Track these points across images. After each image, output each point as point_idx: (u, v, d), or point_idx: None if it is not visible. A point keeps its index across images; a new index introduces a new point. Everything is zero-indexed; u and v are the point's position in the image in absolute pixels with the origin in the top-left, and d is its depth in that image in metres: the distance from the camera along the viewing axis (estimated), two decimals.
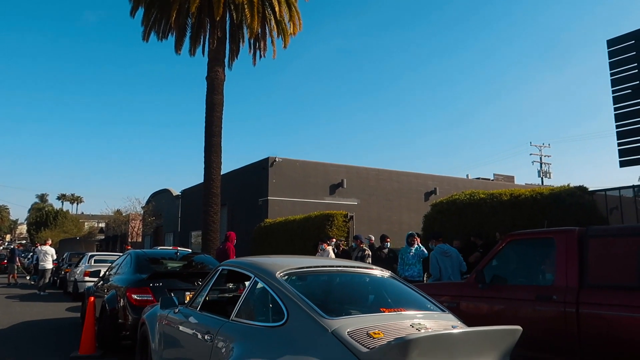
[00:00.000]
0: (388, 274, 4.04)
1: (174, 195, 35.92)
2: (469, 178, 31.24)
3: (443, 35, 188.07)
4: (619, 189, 9.55)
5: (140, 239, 38.81)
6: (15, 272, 20.61)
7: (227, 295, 5.03)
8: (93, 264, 14.63)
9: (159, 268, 7.62)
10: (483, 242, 9.62)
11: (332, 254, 11.03)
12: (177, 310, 4.53)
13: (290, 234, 17.72)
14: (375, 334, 2.82)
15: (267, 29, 18.45)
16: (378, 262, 9.87)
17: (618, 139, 9.04)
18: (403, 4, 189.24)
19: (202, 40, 18.37)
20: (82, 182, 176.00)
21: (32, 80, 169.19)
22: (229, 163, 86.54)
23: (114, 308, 6.89)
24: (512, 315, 4.62)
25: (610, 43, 9.35)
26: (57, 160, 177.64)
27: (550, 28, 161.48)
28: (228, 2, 17.24)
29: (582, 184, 9.82)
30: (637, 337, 3.80)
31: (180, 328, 4.27)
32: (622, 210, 10.00)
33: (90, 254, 16.81)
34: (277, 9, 17.79)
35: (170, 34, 18.29)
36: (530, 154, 43.96)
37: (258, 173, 23.93)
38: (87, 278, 13.31)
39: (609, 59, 9.25)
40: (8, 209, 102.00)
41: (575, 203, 9.18)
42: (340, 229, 15.71)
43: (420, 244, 9.71)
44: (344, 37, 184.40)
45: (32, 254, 25.08)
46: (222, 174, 17.79)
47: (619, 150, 9.05)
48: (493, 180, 32.96)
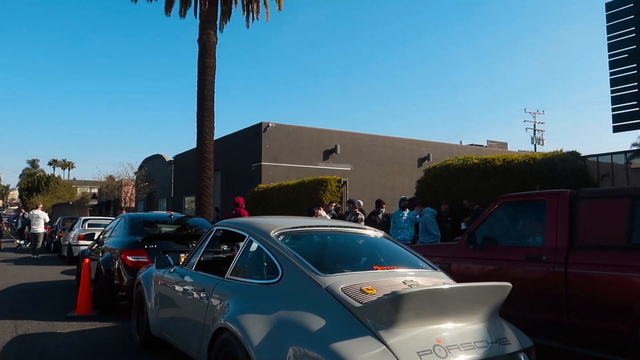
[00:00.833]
0: (381, 235, 4.09)
1: (167, 161, 35.78)
2: (463, 144, 31.28)
3: (440, 3, 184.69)
4: (611, 154, 9.62)
5: (134, 205, 38.81)
6: (1, 237, 20.42)
7: (221, 256, 5.07)
8: (87, 228, 14.66)
9: (154, 230, 7.65)
10: (477, 206, 9.72)
11: (328, 219, 11.12)
12: (172, 270, 4.58)
13: (284, 200, 17.79)
14: (368, 290, 2.88)
15: None
16: (372, 226, 9.96)
17: (613, 104, 9.03)
18: None
19: (193, 1, 17.94)
20: (73, 147, 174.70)
21: (19, 46, 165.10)
22: (222, 128, 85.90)
23: (109, 270, 6.95)
24: (502, 276, 4.70)
25: (609, 6, 9.22)
26: (47, 126, 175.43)
27: None
28: None
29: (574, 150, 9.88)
30: (622, 295, 3.90)
31: (176, 287, 4.32)
32: (613, 177, 10.11)
33: (84, 218, 16.83)
34: None
35: None
36: (525, 121, 43.95)
37: (251, 138, 23.82)
38: (81, 242, 13.36)
39: (607, 23, 9.15)
40: None
41: (568, 168, 9.24)
42: (334, 194, 15.78)
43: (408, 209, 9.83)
44: (340, 1, 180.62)
45: (16, 220, 24.71)
46: (215, 140, 17.68)
47: (613, 116, 9.06)
48: (486, 147, 33.06)
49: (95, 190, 61.36)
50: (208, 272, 4.06)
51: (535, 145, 42.43)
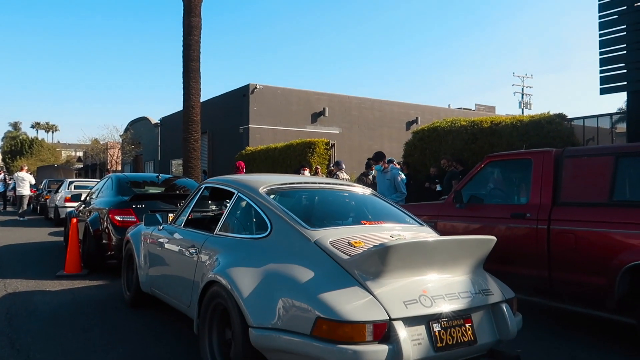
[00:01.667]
0: (369, 192, 4.13)
1: (153, 124, 35.30)
2: (451, 108, 31.24)
3: None
4: (597, 117, 9.69)
5: (120, 168, 38.49)
6: None
7: (210, 214, 5.09)
8: (73, 190, 14.55)
9: (141, 191, 7.63)
10: (463, 168, 9.79)
11: None
12: (161, 228, 4.60)
13: (272, 162, 17.77)
14: (356, 243, 2.92)
15: None
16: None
17: (601, 66, 9.01)
18: None
19: None
20: (56, 110, 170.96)
21: None
22: (210, 91, 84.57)
23: (98, 229, 6.95)
24: (487, 233, 4.76)
25: None
26: (29, 88, 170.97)
27: None
28: None
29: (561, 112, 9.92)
30: (601, 250, 4.01)
31: (165, 244, 4.35)
32: (598, 141, 10.21)
33: (70, 180, 16.67)
34: None
35: None
36: (513, 85, 43.91)
37: (239, 100, 23.53)
38: (67, 204, 13.29)
39: None
40: None
41: (554, 130, 9.30)
42: (322, 157, 15.78)
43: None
44: None
45: None
46: (202, 101, 17.42)
47: (601, 78, 9.05)
48: (474, 110, 33.03)
49: (81, 154, 60.67)
50: (197, 228, 4.09)
51: (523, 110, 42.56)
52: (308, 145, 16.07)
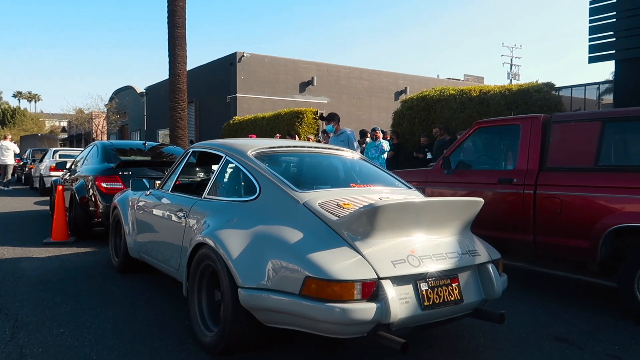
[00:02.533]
0: (358, 156, 4.12)
1: (138, 93, 34.70)
2: (440, 78, 31.12)
3: None
4: (585, 86, 9.71)
5: (106, 138, 37.98)
6: None
7: (197, 180, 5.06)
8: (58, 159, 14.36)
9: (127, 158, 7.54)
10: (450, 137, 9.81)
11: None
12: (148, 193, 4.57)
13: (260, 132, 17.63)
14: (345, 205, 2.93)
15: None
16: None
17: (590, 34, 8.99)
18: None
19: None
20: (38, 79, 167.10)
21: None
22: (196, 59, 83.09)
23: (84, 197, 6.88)
24: None
25: None
26: (9, 56, 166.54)
27: None
28: None
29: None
30: (585, 214, 4.07)
31: (153, 209, 4.33)
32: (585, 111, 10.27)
33: (54, 149, 16.44)
34: None
35: None
36: (502, 55, 43.74)
37: (226, 69, 23.17)
38: (53, 173, 13.13)
39: None
40: None
41: (542, 99, 9.32)
42: (310, 127, 15.71)
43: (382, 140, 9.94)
44: None
45: None
46: (188, 70, 17.11)
47: (590, 46, 9.03)
48: (463, 81, 32.93)
49: (65, 124, 59.62)
50: (185, 193, 4.07)
51: (511, 80, 42.57)
52: (296, 115, 15.96)
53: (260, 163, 3.37)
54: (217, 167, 3.79)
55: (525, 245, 4.54)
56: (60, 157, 14.80)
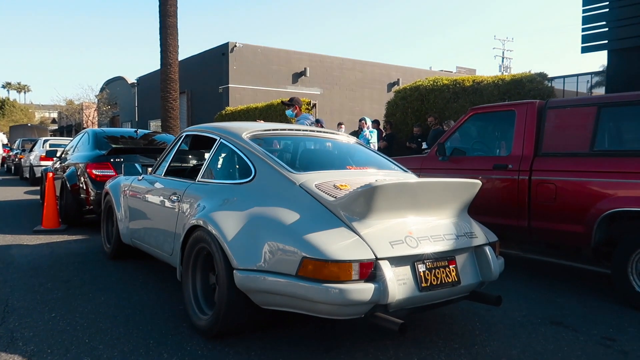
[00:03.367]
0: (354, 140, 4.09)
1: (129, 83, 34.38)
2: (432, 70, 31.10)
3: None
4: (577, 76, 9.74)
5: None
6: None
7: (191, 163, 4.99)
8: (48, 149, 14.19)
9: (119, 145, 7.45)
10: (439, 126, 9.81)
11: None
12: (140, 178, 4.51)
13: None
14: (342, 186, 2.90)
15: None
16: None
17: (583, 24, 9.00)
18: None
19: None
20: (28, 70, 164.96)
21: None
22: (188, 49, 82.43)
23: (75, 184, 6.80)
24: None
25: None
26: None
27: None
28: None
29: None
30: (580, 199, 4.07)
31: (146, 194, 4.27)
32: None
33: (44, 139, 16.24)
34: None
35: None
36: (494, 48, 43.79)
37: (218, 59, 22.98)
38: (43, 162, 12.99)
39: None
40: None
41: (535, 89, 9.33)
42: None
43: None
44: None
45: None
46: (180, 60, 16.95)
47: (583, 36, 9.05)
48: (455, 73, 32.92)
49: (55, 115, 59.01)
50: (178, 177, 4.01)
51: (503, 72, 42.61)
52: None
53: (256, 145, 3.32)
54: (211, 149, 3.74)
55: (520, 231, 4.53)
56: (51, 146, 14.62)
